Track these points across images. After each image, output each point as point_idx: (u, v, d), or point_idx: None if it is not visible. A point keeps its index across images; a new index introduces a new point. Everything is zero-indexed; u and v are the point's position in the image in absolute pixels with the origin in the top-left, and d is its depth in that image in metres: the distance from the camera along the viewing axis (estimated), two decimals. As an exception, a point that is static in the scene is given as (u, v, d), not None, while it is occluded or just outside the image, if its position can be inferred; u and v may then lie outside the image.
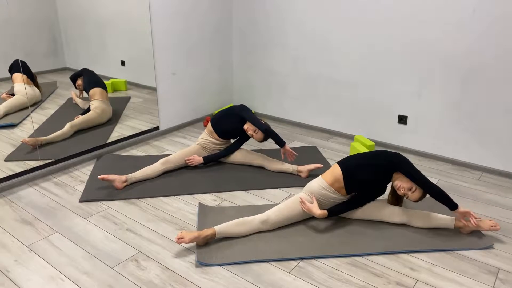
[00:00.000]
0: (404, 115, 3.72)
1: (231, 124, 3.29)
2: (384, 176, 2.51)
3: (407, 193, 2.43)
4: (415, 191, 2.43)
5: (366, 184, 2.53)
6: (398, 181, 2.45)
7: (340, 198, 2.59)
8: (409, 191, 2.43)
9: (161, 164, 3.25)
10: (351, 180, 2.53)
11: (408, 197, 2.45)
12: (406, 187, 2.42)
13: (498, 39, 3.11)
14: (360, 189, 2.57)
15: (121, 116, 3.94)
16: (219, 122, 3.33)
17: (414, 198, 2.45)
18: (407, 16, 3.45)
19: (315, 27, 4.01)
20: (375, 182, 2.53)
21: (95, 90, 3.66)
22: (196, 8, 4.13)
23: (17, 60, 3.05)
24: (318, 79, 4.15)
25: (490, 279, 2.19)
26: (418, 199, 2.45)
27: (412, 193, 2.43)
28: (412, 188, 2.42)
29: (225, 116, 3.32)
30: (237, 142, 3.41)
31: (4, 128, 3.17)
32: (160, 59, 3.95)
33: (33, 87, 3.27)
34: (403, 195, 2.45)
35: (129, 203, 2.89)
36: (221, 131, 3.34)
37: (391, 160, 2.48)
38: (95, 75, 3.67)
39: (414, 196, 2.44)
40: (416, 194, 2.43)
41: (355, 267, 2.27)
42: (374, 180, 2.52)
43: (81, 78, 3.59)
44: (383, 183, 2.56)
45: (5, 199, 2.93)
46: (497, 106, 3.24)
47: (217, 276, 2.19)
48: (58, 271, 2.21)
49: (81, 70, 3.56)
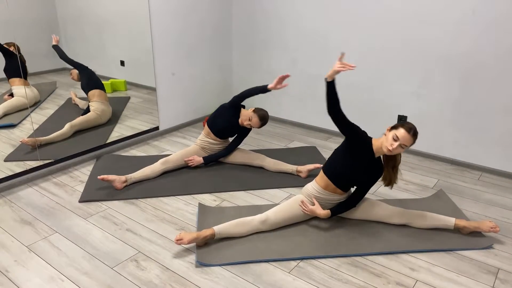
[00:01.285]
0: (403, 115, 3.73)
1: (225, 122, 3.29)
2: (357, 152, 2.42)
3: (394, 144, 2.29)
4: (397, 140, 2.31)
5: (354, 173, 2.47)
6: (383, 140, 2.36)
7: (339, 198, 2.58)
8: (394, 141, 2.30)
9: (160, 164, 3.25)
10: (339, 178, 2.51)
11: (394, 149, 2.30)
12: (391, 138, 2.30)
13: (498, 39, 3.11)
14: (355, 181, 2.53)
15: (121, 116, 3.94)
16: (214, 122, 3.34)
17: (398, 150, 2.32)
18: (407, 16, 3.45)
19: (315, 27, 4.01)
20: (359, 167, 2.45)
21: (94, 92, 3.66)
22: (195, 8, 4.13)
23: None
24: (317, 79, 4.15)
25: (489, 279, 2.20)
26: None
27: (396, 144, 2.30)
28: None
29: (218, 115, 3.33)
30: (236, 139, 3.41)
31: (4, 128, 3.17)
32: (160, 59, 3.95)
33: (32, 88, 3.26)
34: (391, 149, 2.30)
35: (128, 203, 2.89)
36: (217, 131, 3.34)
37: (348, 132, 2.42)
38: (94, 76, 3.66)
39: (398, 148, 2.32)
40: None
41: (355, 267, 2.27)
42: (357, 166, 2.44)
43: (77, 73, 3.57)
44: (365, 161, 2.44)
45: (4, 199, 2.93)
46: (497, 106, 3.24)
47: (217, 276, 2.19)
48: (58, 272, 2.21)
49: (81, 66, 3.53)
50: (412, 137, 2.31)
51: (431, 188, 3.16)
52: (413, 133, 2.31)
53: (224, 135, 3.38)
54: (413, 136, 2.31)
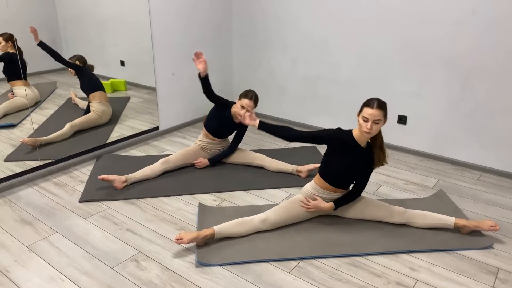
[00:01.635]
0: (403, 115, 3.73)
1: (218, 121, 3.30)
2: (342, 150, 2.43)
3: (367, 124, 2.30)
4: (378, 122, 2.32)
5: (348, 169, 2.47)
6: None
7: (340, 196, 2.59)
8: (366, 122, 2.31)
9: (160, 164, 3.25)
10: (336, 178, 2.52)
11: (370, 129, 2.30)
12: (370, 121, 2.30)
13: (498, 39, 3.11)
14: (352, 176, 2.53)
15: (121, 116, 3.94)
16: (209, 124, 3.35)
17: (375, 129, 2.33)
18: (407, 16, 3.45)
19: (314, 27, 4.01)
20: (350, 161, 2.44)
21: (94, 94, 3.66)
22: (196, 9, 4.13)
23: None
24: (317, 79, 4.15)
25: (489, 279, 2.20)
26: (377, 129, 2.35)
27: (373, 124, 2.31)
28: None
29: (211, 116, 3.34)
30: (236, 138, 3.41)
31: (4, 128, 3.17)
32: (160, 59, 3.95)
33: (32, 88, 3.27)
34: (367, 130, 2.31)
35: (129, 203, 2.89)
36: (214, 131, 3.35)
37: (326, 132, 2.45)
38: (93, 77, 3.65)
39: (376, 127, 2.32)
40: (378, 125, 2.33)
41: (355, 267, 2.27)
42: (348, 161, 2.44)
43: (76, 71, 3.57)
44: (354, 154, 2.44)
45: (4, 199, 2.93)
46: (497, 106, 3.25)
47: (217, 276, 2.19)
48: (58, 271, 2.21)
49: (77, 66, 3.52)
50: (378, 109, 2.29)
51: (431, 188, 3.16)
52: (377, 105, 2.30)
53: (221, 135, 3.38)
54: (379, 108, 2.29)
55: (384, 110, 2.32)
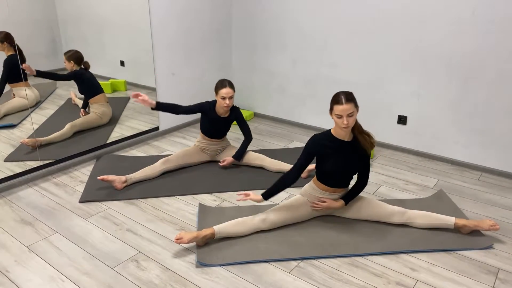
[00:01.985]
0: (403, 115, 3.73)
1: (211, 122, 3.30)
2: (329, 153, 2.44)
3: (343, 120, 2.31)
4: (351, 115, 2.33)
5: (343, 168, 2.48)
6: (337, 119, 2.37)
7: (341, 195, 2.59)
8: (341, 118, 2.33)
9: (160, 164, 3.25)
10: (333, 179, 2.52)
11: (347, 124, 2.31)
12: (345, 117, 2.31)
13: (498, 40, 3.11)
14: (349, 173, 2.52)
15: (121, 117, 3.94)
16: (203, 127, 3.36)
17: (352, 121, 2.35)
18: (407, 16, 3.45)
19: (315, 27, 4.01)
20: (343, 160, 2.44)
21: (95, 98, 3.66)
22: (196, 9, 4.14)
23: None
24: (317, 79, 4.16)
25: (490, 279, 2.20)
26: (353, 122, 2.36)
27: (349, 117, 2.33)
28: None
29: (203, 119, 3.34)
30: (241, 125, 3.38)
31: (4, 129, 3.17)
32: (160, 60, 3.95)
33: (32, 88, 3.26)
34: (344, 126, 2.32)
35: (129, 204, 2.89)
36: (210, 133, 3.36)
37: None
38: (92, 81, 3.63)
39: (352, 119, 2.34)
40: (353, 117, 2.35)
41: (355, 267, 2.27)
42: (341, 160, 2.44)
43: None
44: (343, 152, 2.44)
45: (5, 199, 2.93)
46: (497, 106, 3.25)
47: (217, 276, 2.19)
48: (58, 272, 2.21)
49: (75, 75, 3.51)
50: (348, 102, 2.30)
51: (431, 188, 3.17)
52: (345, 99, 2.31)
53: (218, 135, 3.38)
54: (348, 102, 2.30)
55: (354, 101, 2.34)
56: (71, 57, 3.43)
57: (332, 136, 2.45)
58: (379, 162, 3.60)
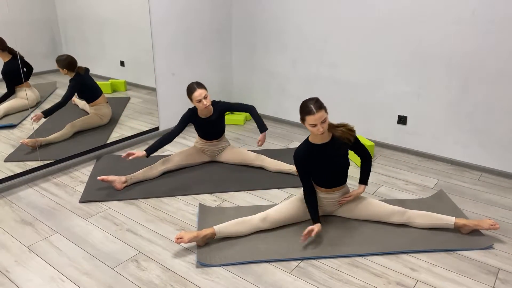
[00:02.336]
0: (403, 116, 3.73)
1: (204, 127, 3.30)
2: (314, 160, 2.47)
3: (317, 128, 2.32)
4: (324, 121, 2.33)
5: (334, 169, 2.49)
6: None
7: (340, 192, 2.59)
8: (315, 127, 2.33)
9: (160, 164, 3.25)
10: (328, 181, 2.53)
11: (322, 130, 2.32)
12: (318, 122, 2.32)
13: (498, 40, 3.11)
14: (342, 170, 2.52)
15: (121, 117, 3.94)
16: (199, 132, 3.37)
17: (326, 125, 2.35)
18: (407, 16, 3.46)
19: (315, 27, 4.01)
20: (331, 162, 2.46)
21: (96, 101, 3.67)
22: (196, 9, 4.14)
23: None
24: (317, 79, 4.16)
25: (490, 279, 2.20)
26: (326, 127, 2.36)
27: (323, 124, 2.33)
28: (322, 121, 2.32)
29: (196, 126, 3.33)
30: (243, 108, 3.32)
31: (4, 129, 3.17)
32: (160, 60, 3.95)
33: (33, 89, 3.26)
34: (320, 133, 2.33)
35: (129, 204, 2.89)
36: (207, 136, 3.36)
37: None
38: (91, 85, 3.62)
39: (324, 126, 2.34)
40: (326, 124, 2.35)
41: (356, 268, 2.27)
42: (329, 163, 2.46)
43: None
44: (328, 154, 2.45)
45: (5, 199, 2.93)
46: (497, 106, 3.25)
47: (218, 276, 2.19)
48: (59, 272, 2.21)
49: (76, 88, 3.50)
50: (319, 110, 2.29)
51: (431, 189, 3.17)
52: (316, 108, 2.29)
53: (215, 136, 3.37)
54: (319, 110, 2.29)
55: (323, 106, 2.33)
56: (63, 65, 3.39)
57: (312, 144, 2.45)
58: (379, 162, 3.60)
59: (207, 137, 3.36)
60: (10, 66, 3.03)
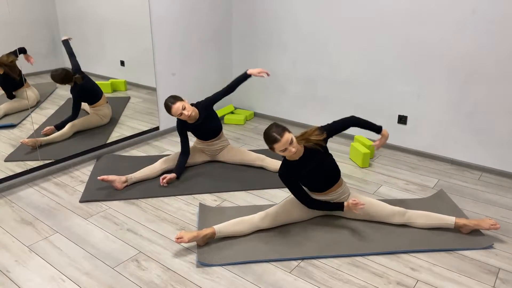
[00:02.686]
0: (404, 115, 3.73)
1: (199, 131, 3.30)
2: (299, 175, 2.49)
3: (288, 150, 2.32)
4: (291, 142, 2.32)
5: (320, 177, 2.49)
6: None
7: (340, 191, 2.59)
8: (285, 151, 2.33)
9: (161, 164, 3.25)
10: (321, 186, 2.54)
11: (292, 152, 2.33)
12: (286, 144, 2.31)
13: (498, 40, 3.11)
14: (330, 173, 2.51)
15: (121, 117, 3.94)
16: (197, 136, 3.37)
17: (295, 144, 2.34)
18: (407, 17, 3.46)
19: (315, 28, 4.01)
20: (313, 171, 2.47)
21: (97, 103, 3.67)
22: (196, 9, 4.13)
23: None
24: (317, 79, 4.16)
25: (490, 279, 2.20)
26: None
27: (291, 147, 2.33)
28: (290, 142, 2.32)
29: (192, 132, 3.33)
30: (229, 90, 3.28)
31: (4, 129, 3.17)
32: (160, 60, 3.95)
33: (32, 88, 3.26)
34: (292, 154, 2.35)
35: (129, 203, 2.89)
36: (199, 137, 3.37)
37: None
38: (92, 90, 3.62)
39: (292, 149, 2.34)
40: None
41: (356, 267, 2.27)
42: (312, 173, 2.48)
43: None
44: (310, 165, 2.47)
45: (5, 199, 2.93)
46: (497, 106, 3.25)
47: (218, 276, 2.19)
48: (59, 272, 2.21)
49: (79, 89, 3.51)
50: (282, 136, 2.28)
51: (431, 188, 3.17)
52: (280, 134, 2.29)
53: (209, 136, 3.35)
54: (282, 135, 2.28)
55: (285, 129, 2.33)
56: (59, 80, 3.40)
57: (291, 162, 2.46)
58: (380, 162, 3.60)
59: (204, 138, 3.36)
60: (6, 77, 3.05)
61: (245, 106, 4.84)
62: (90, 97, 3.63)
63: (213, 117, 3.30)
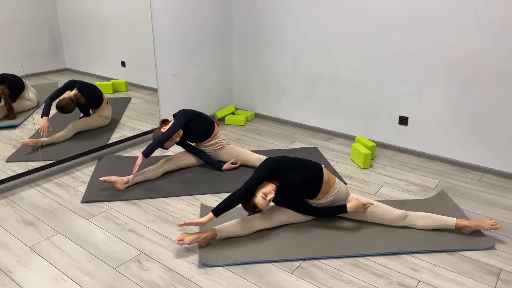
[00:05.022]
0: (404, 116, 3.73)
1: (183, 142, 3.35)
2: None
3: (269, 199, 2.38)
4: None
5: (306, 188, 2.50)
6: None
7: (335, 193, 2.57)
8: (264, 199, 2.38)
9: (162, 164, 3.25)
10: (307, 198, 2.57)
11: (270, 198, 2.38)
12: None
13: (498, 41, 3.12)
14: (310, 186, 2.50)
15: (122, 117, 3.94)
16: (193, 140, 3.38)
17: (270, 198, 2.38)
18: (408, 17, 3.46)
19: (315, 28, 4.01)
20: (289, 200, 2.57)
21: (99, 107, 3.68)
22: (197, 9, 4.14)
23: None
24: (318, 79, 4.16)
25: (491, 279, 2.20)
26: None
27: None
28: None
29: (189, 137, 3.34)
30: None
31: (5, 129, 3.17)
32: (161, 60, 3.95)
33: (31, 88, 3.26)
34: (270, 198, 2.39)
35: (131, 204, 2.89)
36: (194, 142, 3.40)
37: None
38: (93, 95, 3.63)
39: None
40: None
41: (357, 268, 2.28)
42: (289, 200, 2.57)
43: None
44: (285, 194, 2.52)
45: (6, 199, 2.93)
46: (497, 107, 3.25)
47: (220, 276, 2.19)
48: (61, 272, 2.22)
49: (75, 83, 3.51)
50: (261, 205, 2.37)
51: (432, 189, 3.17)
52: (257, 207, 2.38)
53: (202, 137, 3.34)
54: (261, 206, 2.37)
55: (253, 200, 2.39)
56: (68, 110, 3.44)
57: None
58: (380, 163, 3.60)
59: (197, 141, 3.39)
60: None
61: (245, 107, 4.85)
62: (92, 103, 3.65)
63: (193, 127, 3.26)
